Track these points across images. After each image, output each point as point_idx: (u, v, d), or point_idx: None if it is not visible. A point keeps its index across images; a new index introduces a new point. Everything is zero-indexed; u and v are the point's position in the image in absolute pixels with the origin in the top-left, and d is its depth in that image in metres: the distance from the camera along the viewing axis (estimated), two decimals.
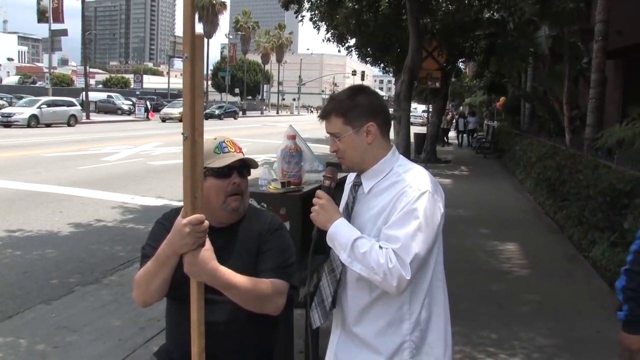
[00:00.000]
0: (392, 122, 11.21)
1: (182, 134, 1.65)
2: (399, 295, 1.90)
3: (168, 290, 2.01)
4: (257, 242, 2.08)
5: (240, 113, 64.03)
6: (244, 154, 2.14)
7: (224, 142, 2.12)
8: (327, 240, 1.96)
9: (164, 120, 39.85)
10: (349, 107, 1.98)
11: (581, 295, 5.85)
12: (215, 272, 1.86)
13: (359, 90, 2.05)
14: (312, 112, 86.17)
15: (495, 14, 16.14)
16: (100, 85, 79.87)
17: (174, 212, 2.11)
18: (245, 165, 2.12)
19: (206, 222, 1.79)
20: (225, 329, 2.03)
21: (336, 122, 1.98)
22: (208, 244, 1.84)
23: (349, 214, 2.04)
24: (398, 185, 1.93)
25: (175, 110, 40.39)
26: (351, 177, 2.15)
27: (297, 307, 3.05)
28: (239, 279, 1.93)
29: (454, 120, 32.76)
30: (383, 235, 1.89)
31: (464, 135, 29.63)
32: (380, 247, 1.85)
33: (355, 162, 2.01)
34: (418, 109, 51.59)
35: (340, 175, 3.40)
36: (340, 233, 1.92)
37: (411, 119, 41.92)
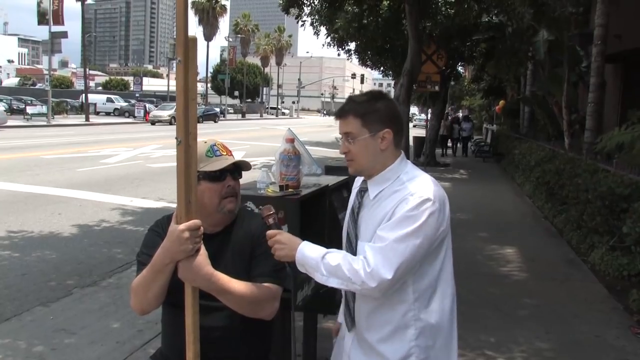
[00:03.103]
0: None
1: (176, 138, 1.65)
2: (380, 295, 1.89)
3: None
4: (249, 246, 2.08)
5: (240, 115, 64.13)
6: (234, 157, 2.15)
7: (215, 145, 2.13)
8: (298, 267, 1.96)
9: (153, 123, 39.32)
10: (368, 110, 1.97)
11: (580, 299, 5.84)
12: (210, 277, 1.85)
13: (379, 96, 2.05)
14: (324, 115, 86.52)
15: (494, 17, 16.17)
16: (100, 88, 79.86)
17: (166, 219, 2.12)
18: (237, 168, 2.14)
19: (202, 227, 1.80)
20: (220, 334, 2.03)
21: (354, 122, 1.97)
22: (202, 249, 1.84)
23: (355, 219, 2.05)
24: (400, 193, 1.92)
25: (165, 112, 40.10)
26: (358, 181, 2.15)
27: (297, 310, 3.04)
28: (234, 284, 1.93)
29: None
30: (375, 236, 1.89)
31: (458, 143, 26.72)
32: (354, 255, 1.87)
33: (365, 166, 2.00)
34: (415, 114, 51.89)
35: (338, 179, 3.40)
36: (306, 256, 1.92)
37: (416, 122, 41.35)
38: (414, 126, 44.20)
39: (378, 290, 1.84)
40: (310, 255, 1.91)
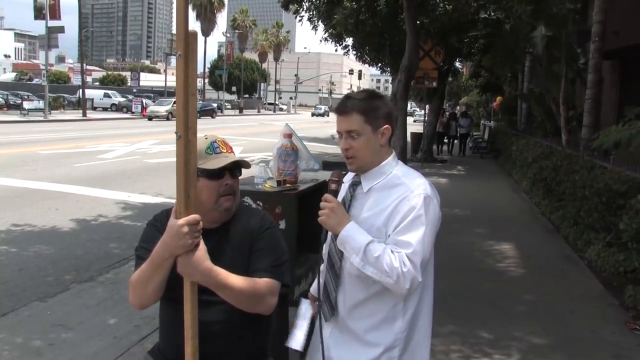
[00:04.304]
0: None
1: (176, 132, 1.65)
2: (407, 294, 1.98)
3: None
4: (248, 242, 2.09)
5: (238, 111, 64.05)
6: (234, 154, 2.14)
7: (215, 142, 2.12)
8: (338, 244, 2.01)
9: (150, 118, 39.03)
10: (369, 107, 2.05)
11: (576, 295, 5.86)
12: (209, 272, 1.85)
13: (375, 95, 2.13)
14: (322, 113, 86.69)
15: (491, 13, 16.15)
16: (97, 83, 79.64)
17: (165, 214, 2.12)
18: (237, 166, 2.13)
19: (201, 222, 1.80)
20: (219, 329, 2.03)
21: (357, 119, 2.03)
22: (202, 244, 1.84)
23: (346, 211, 2.08)
24: (399, 188, 2.00)
25: (162, 108, 39.91)
26: (349, 176, 2.20)
27: (292, 305, 3.05)
28: (233, 279, 1.93)
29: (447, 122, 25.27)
30: (392, 240, 1.95)
31: (455, 140, 25.08)
32: (392, 251, 1.92)
33: (366, 162, 2.06)
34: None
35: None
36: (352, 237, 1.96)
37: (417, 117, 40.99)
38: (414, 121, 44.11)
39: (409, 291, 1.94)
40: (356, 237, 1.96)
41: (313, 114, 70.61)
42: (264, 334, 2.20)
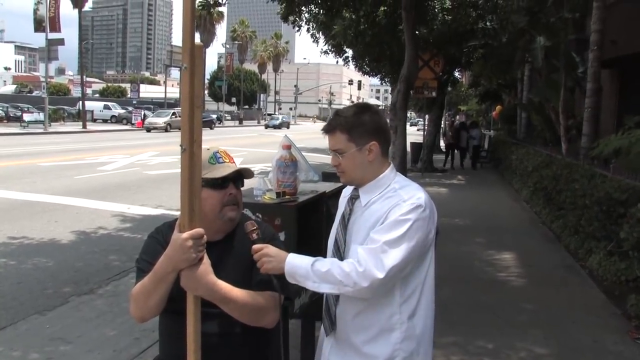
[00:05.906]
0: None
1: (181, 145, 1.64)
2: (372, 295, 1.94)
3: None
4: (250, 254, 2.08)
5: (237, 122, 64.20)
6: (236, 165, 2.14)
7: (218, 152, 2.12)
8: (288, 279, 1.99)
9: (148, 130, 38.88)
10: (354, 124, 2.03)
11: (578, 305, 5.84)
12: (212, 286, 1.85)
13: (364, 109, 2.10)
14: (314, 122, 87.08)
15: (488, 23, 16.21)
16: (97, 95, 79.85)
17: (167, 226, 2.11)
18: (240, 176, 2.13)
19: (205, 236, 1.79)
20: (219, 341, 2.02)
21: (340, 138, 2.04)
22: (205, 257, 1.84)
23: (345, 225, 2.10)
24: (393, 199, 2.00)
25: (161, 119, 39.86)
26: (348, 190, 2.21)
27: (293, 317, 3.03)
28: (236, 293, 1.93)
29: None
30: (368, 238, 1.95)
31: (466, 152, 22.55)
32: (342, 260, 1.93)
33: (355, 177, 2.07)
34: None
35: (335, 185, 3.40)
36: (296, 266, 1.96)
37: (420, 126, 40.36)
38: (418, 130, 44.04)
39: (370, 290, 1.89)
40: (300, 264, 1.95)
41: (267, 126, 58.59)
42: (265, 346, 2.18)
